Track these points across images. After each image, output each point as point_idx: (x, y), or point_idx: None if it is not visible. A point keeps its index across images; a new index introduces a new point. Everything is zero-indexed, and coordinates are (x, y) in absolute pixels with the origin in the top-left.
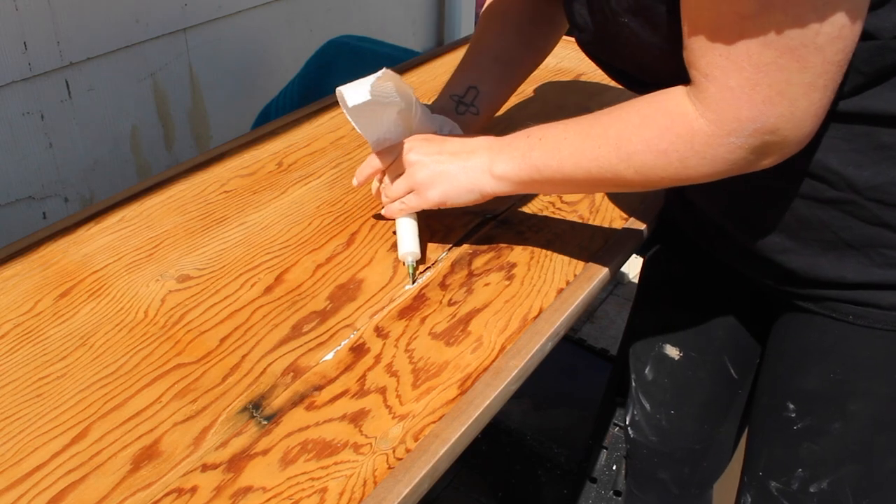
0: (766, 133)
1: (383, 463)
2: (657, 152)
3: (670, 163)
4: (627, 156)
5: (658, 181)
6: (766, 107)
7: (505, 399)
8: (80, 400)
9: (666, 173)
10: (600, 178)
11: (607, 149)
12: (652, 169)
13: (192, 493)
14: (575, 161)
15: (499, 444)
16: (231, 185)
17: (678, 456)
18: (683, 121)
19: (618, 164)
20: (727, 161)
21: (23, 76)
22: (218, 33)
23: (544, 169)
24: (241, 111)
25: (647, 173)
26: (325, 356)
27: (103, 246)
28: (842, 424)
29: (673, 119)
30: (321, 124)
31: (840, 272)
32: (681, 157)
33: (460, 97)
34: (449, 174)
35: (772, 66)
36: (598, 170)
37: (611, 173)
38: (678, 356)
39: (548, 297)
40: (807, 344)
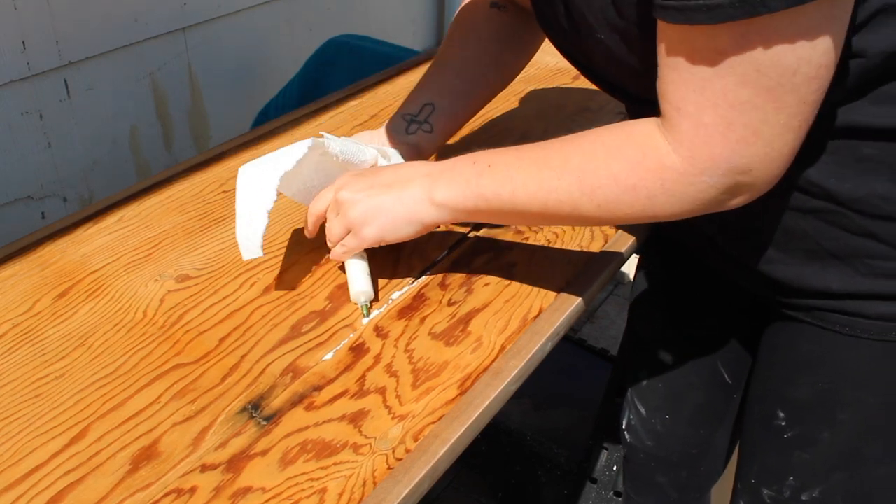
0: (739, 173)
1: (383, 463)
2: (624, 187)
3: (637, 199)
4: (591, 189)
5: (621, 217)
6: (741, 146)
7: (505, 399)
8: (79, 400)
9: (632, 210)
10: (556, 211)
11: (568, 180)
12: (616, 204)
13: (192, 494)
14: (530, 192)
15: (499, 444)
16: (230, 184)
17: (675, 460)
18: (655, 155)
19: (579, 197)
20: (696, 200)
21: (21, 76)
22: (217, 33)
23: (493, 198)
24: (240, 111)
25: (611, 209)
26: (325, 356)
27: (102, 246)
28: (831, 433)
29: (644, 153)
30: (321, 124)
31: (825, 282)
32: (649, 193)
33: (413, 116)
34: (383, 208)
35: (747, 105)
36: (555, 202)
37: (569, 206)
38: (671, 361)
39: (548, 297)
40: (796, 353)
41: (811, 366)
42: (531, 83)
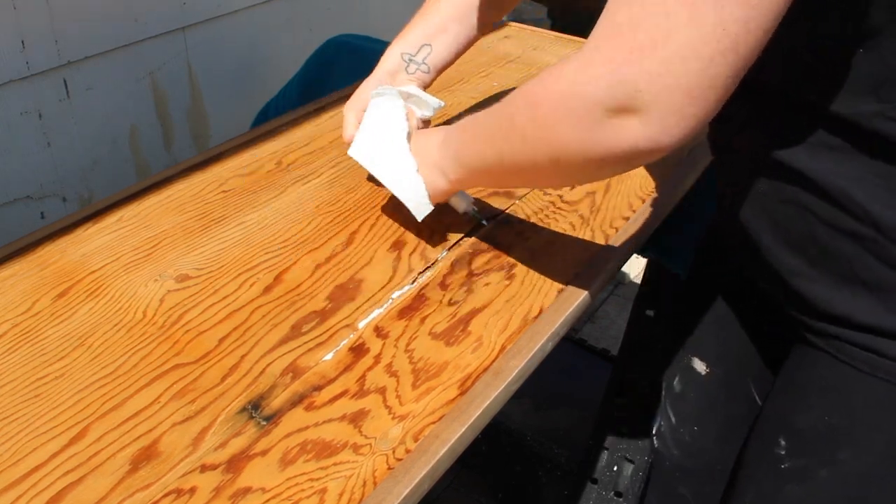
0: (624, 89)
1: (383, 463)
2: (528, 120)
3: (540, 129)
4: (508, 135)
5: (540, 157)
6: (634, 55)
7: (505, 399)
8: (79, 400)
9: (544, 149)
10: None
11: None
12: (524, 142)
13: (192, 494)
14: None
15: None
16: (230, 184)
17: (699, 473)
18: (556, 69)
19: (505, 148)
20: (580, 121)
21: (20, 75)
22: (217, 32)
23: (474, 169)
24: (240, 110)
25: (524, 147)
26: (325, 356)
27: (101, 246)
28: (829, 472)
29: (549, 71)
30: (321, 123)
31: (850, 310)
32: (545, 112)
33: (412, 56)
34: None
35: (656, 10)
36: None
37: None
38: (705, 371)
39: (548, 297)
40: (808, 381)
41: (820, 397)
42: None
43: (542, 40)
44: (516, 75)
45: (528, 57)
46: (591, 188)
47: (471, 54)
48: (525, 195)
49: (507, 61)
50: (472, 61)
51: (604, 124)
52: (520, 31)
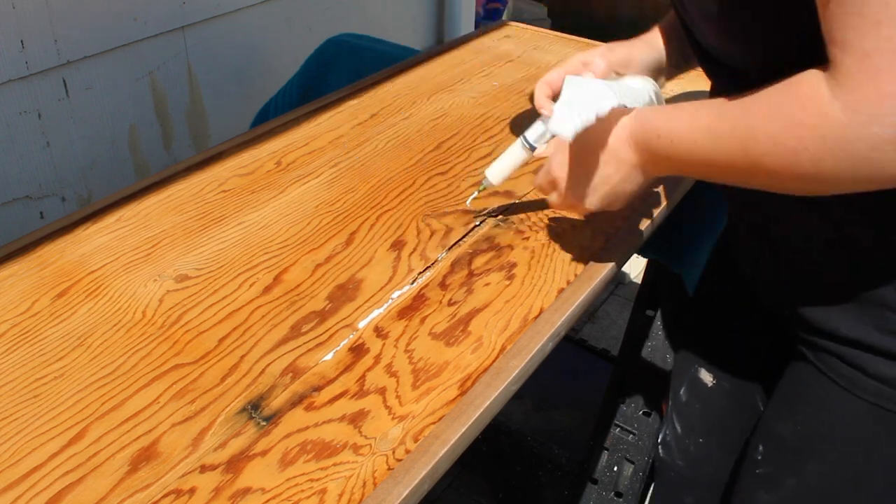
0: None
1: (383, 464)
2: (786, 151)
3: (799, 163)
4: (755, 160)
5: (798, 190)
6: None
7: (505, 400)
8: (78, 401)
9: (802, 181)
10: (742, 184)
11: (736, 153)
12: (782, 175)
13: (191, 495)
14: (709, 171)
15: (499, 445)
16: (229, 184)
17: (704, 483)
18: (815, 107)
19: (749, 169)
20: (871, 162)
21: (20, 75)
22: (216, 32)
23: (689, 172)
24: (239, 110)
25: (782, 179)
26: (325, 356)
27: (101, 246)
28: (796, 481)
29: (804, 106)
30: (320, 123)
31: (836, 322)
32: (812, 156)
33: (665, 68)
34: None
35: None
36: (734, 178)
37: (746, 182)
38: (712, 382)
39: (548, 297)
40: (792, 392)
41: (800, 407)
42: (532, 82)
43: (542, 40)
44: (516, 75)
45: (529, 56)
46: None
47: (471, 54)
48: (525, 195)
49: (507, 61)
50: (473, 61)
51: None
52: (520, 30)
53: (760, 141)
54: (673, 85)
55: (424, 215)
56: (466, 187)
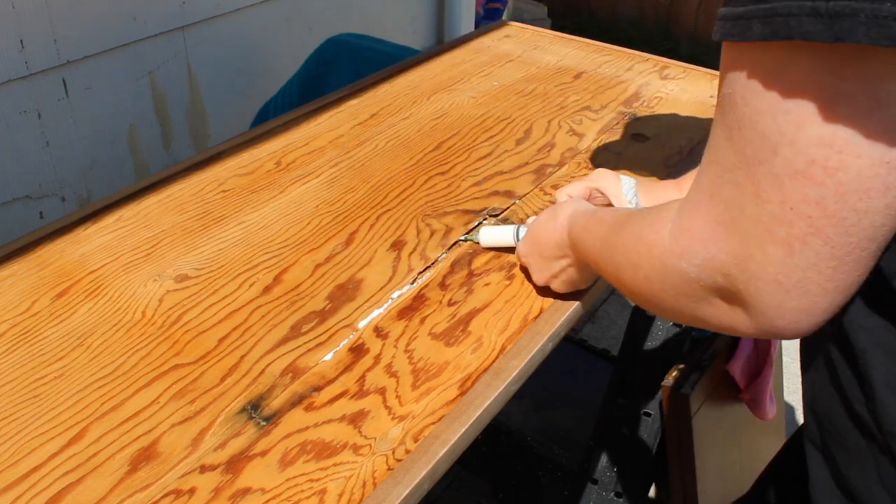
0: (716, 271)
1: (383, 464)
2: (630, 264)
3: (637, 279)
4: (616, 269)
5: (650, 307)
6: (718, 230)
7: (505, 400)
8: (78, 401)
9: (642, 294)
10: (624, 293)
11: (610, 261)
12: (632, 288)
13: (191, 495)
14: (605, 276)
15: (499, 445)
16: (229, 184)
17: None
18: (656, 228)
19: (617, 278)
20: (686, 296)
21: (20, 75)
22: (216, 31)
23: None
24: (239, 110)
25: (634, 294)
26: (325, 356)
27: (100, 246)
28: None
29: (651, 225)
30: (320, 123)
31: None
32: (645, 275)
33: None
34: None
35: (729, 177)
36: (617, 286)
37: (623, 293)
38: None
39: (548, 297)
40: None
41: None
42: (532, 82)
43: (542, 40)
44: (516, 75)
45: (528, 56)
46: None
47: (471, 54)
48: (525, 195)
49: (507, 61)
50: (473, 61)
51: (708, 302)
52: (520, 30)
53: (619, 252)
54: (673, 85)
55: (424, 215)
56: (466, 187)
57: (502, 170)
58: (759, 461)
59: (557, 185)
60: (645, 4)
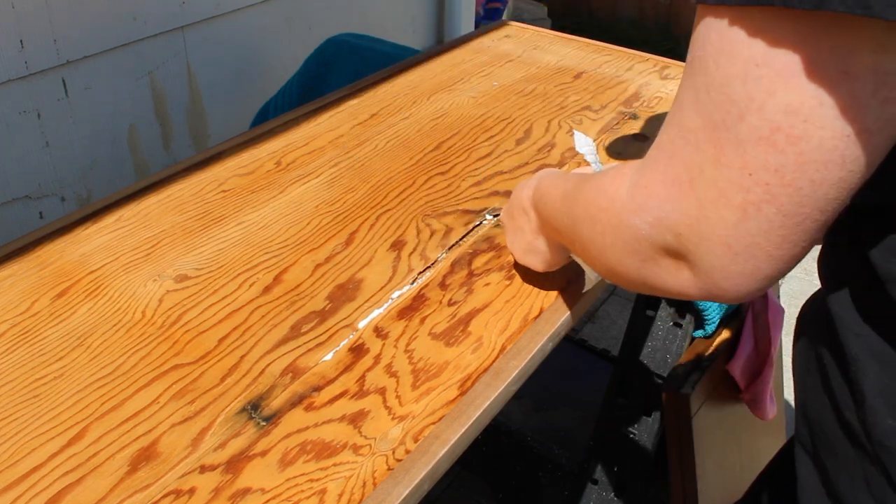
0: (667, 230)
1: (383, 464)
2: (588, 218)
3: (594, 235)
4: (575, 225)
5: (599, 269)
6: (674, 190)
7: (505, 400)
8: (78, 401)
9: (595, 252)
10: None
11: (568, 218)
12: (588, 245)
13: (191, 495)
14: (561, 237)
15: (499, 445)
16: (229, 184)
17: None
18: (616, 183)
19: (574, 237)
20: (634, 254)
21: (19, 74)
22: (216, 31)
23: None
24: (239, 110)
25: (587, 249)
26: (325, 357)
27: (100, 246)
28: None
29: (612, 180)
30: (320, 123)
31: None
32: (602, 229)
33: None
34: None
35: (692, 137)
36: (572, 247)
37: (579, 254)
38: None
39: (548, 297)
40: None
41: None
42: (532, 82)
43: (542, 40)
44: (516, 75)
45: (528, 56)
46: None
47: (471, 54)
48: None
49: (507, 60)
50: (472, 61)
51: (654, 262)
52: (520, 30)
53: (579, 205)
54: (674, 85)
55: (424, 215)
56: (466, 187)
57: (502, 170)
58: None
59: None
60: (645, 4)
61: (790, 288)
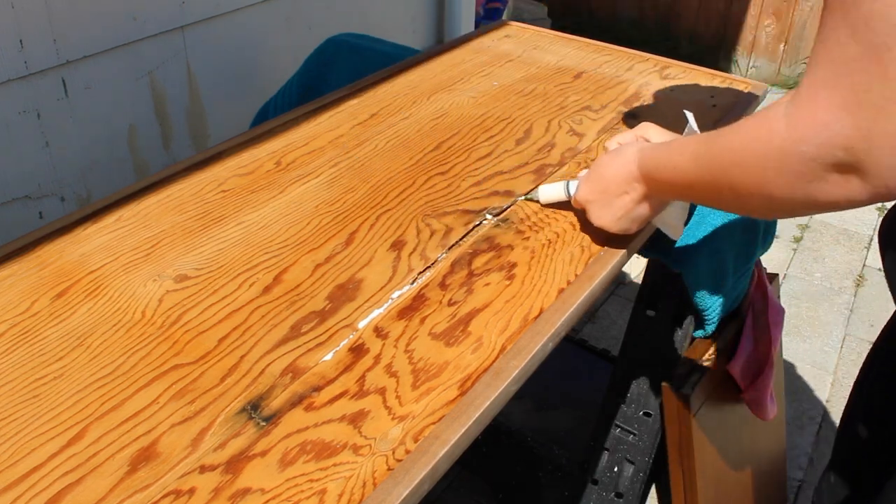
0: (837, 148)
1: (383, 464)
2: (742, 161)
3: (751, 174)
4: (723, 173)
5: (755, 205)
6: (842, 113)
7: (505, 400)
8: (78, 401)
9: (753, 190)
10: (716, 203)
11: (710, 170)
12: (741, 185)
13: (191, 495)
14: (692, 191)
15: (499, 445)
16: (229, 184)
17: None
18: (770, 122)
19: (718, 184)
20: (801, 177)
21: (19, 74)
22: (216, 31)
23: (680, 194)
24: (239, 110)
25: (739, 190)
26: (324, 357)
27: (100, 246)
28: None
29: (763, 122)
30: (320, 123)
31: None
32: (761, 167)
33: None
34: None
35: (855, 63)
36: (710, 196)
37: (718, 200)
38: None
39: (549, 297)
40: None
41: None
42: (532, 82)
43: (542, 40)
44: (516, 75)
45: (528, 56)
46: None
47: (471, 54)
48: (525, 195)
49: (507, 60)
50: (472, 61)
51: (823, 179)
52: (520, 30)
53: (724, 156)
54: (674, 84)
55: (424, 215)
56: (466, 187)
57: (502, 170)
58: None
59: None
60: (645, 4)
61: (790, 288)
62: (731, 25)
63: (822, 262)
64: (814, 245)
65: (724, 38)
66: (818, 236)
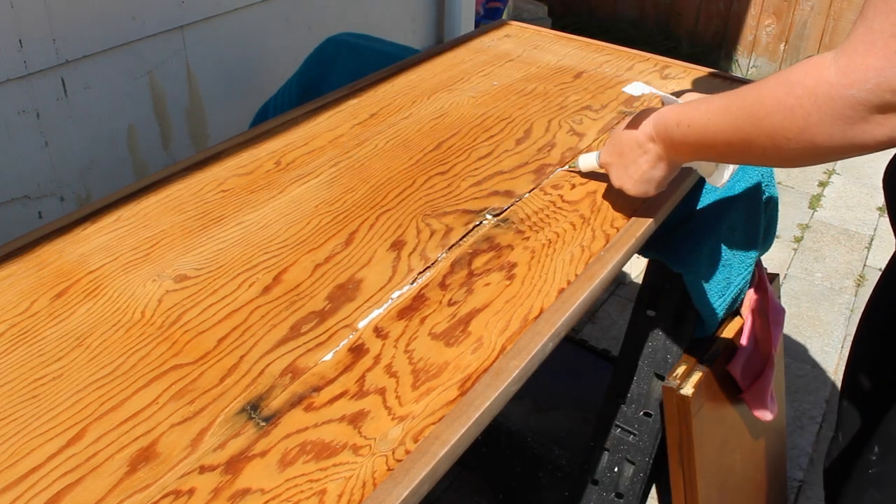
0: (888, 91)
1: (382, 465)
2: (784, 108)
3: (795, 121)
4: (758, 122)
5: (791, 150)
6: (893, 59)
7: (505, 400)
8: (77, 401)
9: (794, 137)
10: (746, 155)
11: (744, 120)
12: (780, 130)
13: (190, 495)
14: (718, 145)
15: (499, 445)
16: (228, 184)
17: None
18: (816, 71)
19: (752, 134)
20: (846, 120)
21: (18, 74)
22: (215, 31)
23: (705, 152)
24: (238, 109)
25: (776, 136)
26: (324, 357)
27: (99, 246)
28: None
29: (808, 71)
30: (319, 123)
31: None
32: (805, 112)
33: None
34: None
35: None
36: (739, 149)
37: (749, 151)
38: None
39: (549, 297)
40: None
41: None
42: (532, 82)
43: (542, 39)
44: (516, 74)
45: (529, 56)
46: (592, 188)
47: (471, 54)
48: (525, 195)
49: (507, 60)
50: (472, 60)
51: (866, 120)
52: (520, 30)
53: (765, 104)
54: (674, 85)
55: (424, 215)
56: (466, 187)
57: (502, 170)
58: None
59: (558, 185)
60: (645, 4)
61: (790, 288)
62: (731, 25)
63: (822, 261)
64: (814, 245)
65: (724, 38)
66: (819, 236)
